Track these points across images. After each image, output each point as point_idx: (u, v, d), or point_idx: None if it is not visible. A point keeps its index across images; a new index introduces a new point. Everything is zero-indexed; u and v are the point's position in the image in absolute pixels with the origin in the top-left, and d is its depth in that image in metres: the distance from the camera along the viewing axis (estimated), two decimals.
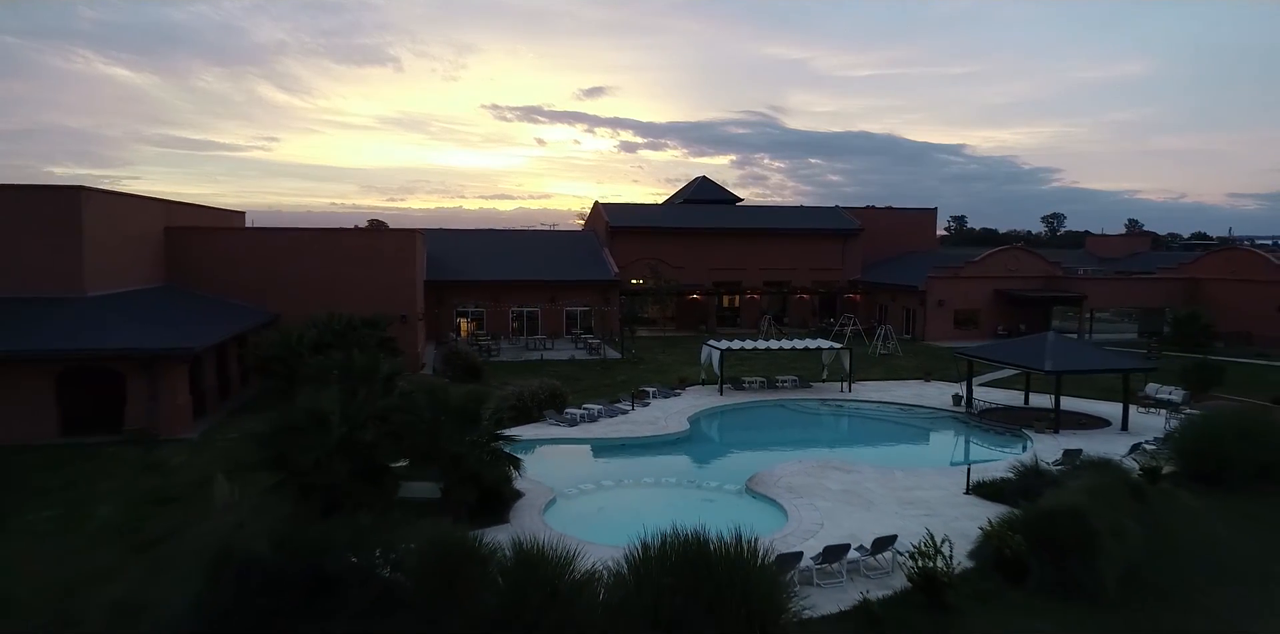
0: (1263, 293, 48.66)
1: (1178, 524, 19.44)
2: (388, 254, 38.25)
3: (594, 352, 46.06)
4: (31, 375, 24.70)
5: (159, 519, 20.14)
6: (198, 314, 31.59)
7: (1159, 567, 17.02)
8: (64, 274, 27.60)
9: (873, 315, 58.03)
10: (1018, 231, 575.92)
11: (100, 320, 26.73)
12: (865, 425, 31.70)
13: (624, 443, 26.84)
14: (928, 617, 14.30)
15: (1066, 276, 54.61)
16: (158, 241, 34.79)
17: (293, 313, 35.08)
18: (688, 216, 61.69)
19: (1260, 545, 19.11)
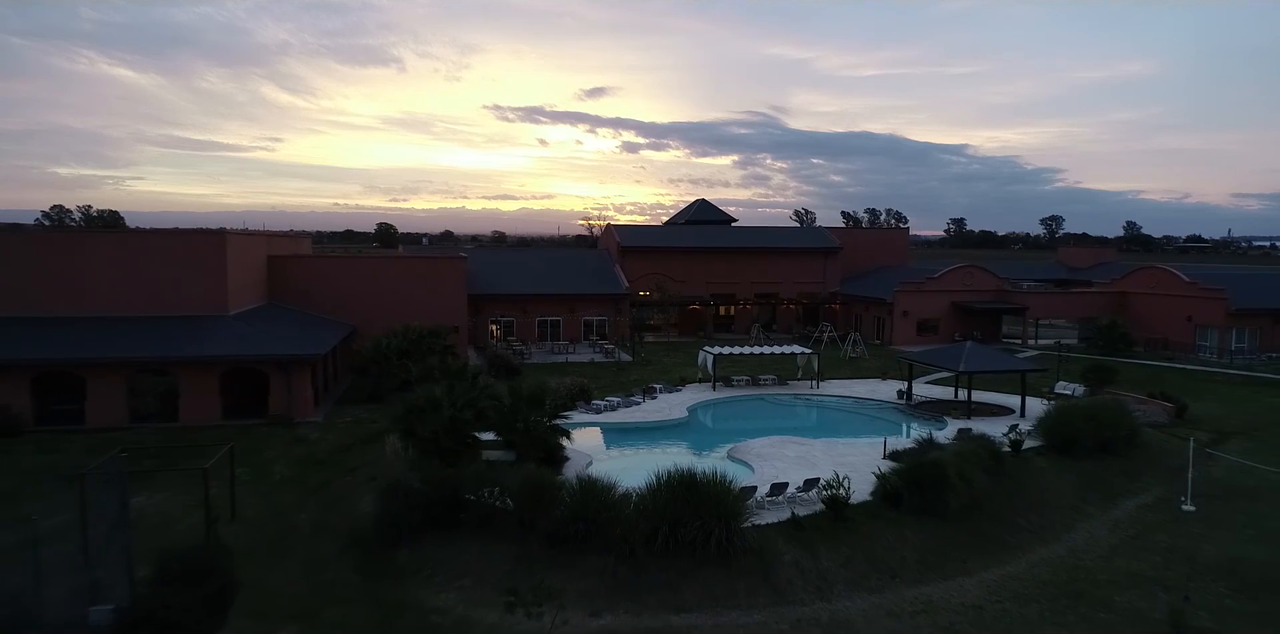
0: (1175, 306, 57.31)
1: (1024, 477, 28.10)
2: (442, 276, 47.04)
3: (609, 355, 54.78)
4: (203, 374, 33.50)
5: (317, 473, 28.98)
6: (301, 327, 40.33)
7: (997, 500, 25.68)
8: (214, 298, 36.40)
9: (849, 323, 66.67)
10: (1016, 233, 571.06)
11: (242, 332, 35.54)
12: (824, 413, 40.41)
13: (638, 426, 35.55)
14: (833, 524, 22.95)
15: (1013, 291, 63.27)
16: (263, 268, 43.54)
17: (366, 324, 43.86)
18: (689, 237, 70.47)
19: (1076, 491, 27.84)
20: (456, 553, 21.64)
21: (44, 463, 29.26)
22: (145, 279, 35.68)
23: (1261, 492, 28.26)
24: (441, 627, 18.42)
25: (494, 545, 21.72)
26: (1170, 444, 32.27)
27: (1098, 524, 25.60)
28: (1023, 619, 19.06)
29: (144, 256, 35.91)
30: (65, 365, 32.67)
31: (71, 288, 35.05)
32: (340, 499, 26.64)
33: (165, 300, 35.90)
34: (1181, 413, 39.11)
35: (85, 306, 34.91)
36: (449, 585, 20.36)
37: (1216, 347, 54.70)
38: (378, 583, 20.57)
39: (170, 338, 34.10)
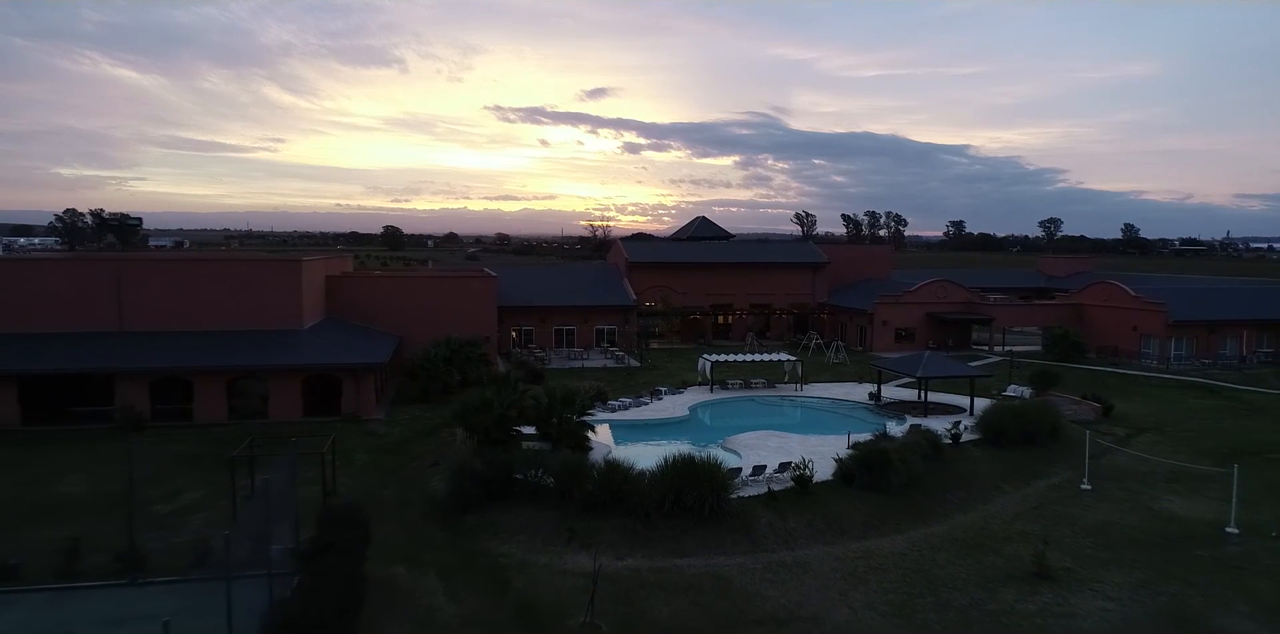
0: (1124, 317, 64.21)
1: (959, 462, 35.02)
2: (476, 293, 54.05)
3: (619, 360, 61.74)
4: (288, 379, 40.53)
5: (389, 460, 35.98)
6: (360, 338, 47.30)
7: (933, 480, 32.60)
8: (291, 314, 43.45)
9: (835, 332, 73.60)
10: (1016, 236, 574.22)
11: (316, 344, 42.59)
12: (805, 412, 47.35)
13: (647, 422, 42.52)
14: (799, 497, 29.88)
15: (981, 303, 70.17)
16: (322, 287, 50.54)
17: (410, 335, 50.77)
18: (690, 252, 77.46)
19: (1000, 474, 34.75)
20: (512, 517, 28.60)
21: (170, 452, 36.29)
22: (236, 299, 42.75)
23: (1147, 476, 35.16)
24: (509, 566, 25.37)
25: (540, 511, 28.66)
26: (1088, 438, 39.06)
27: (1010, 499, 32.54)
28: (932, 561, 26.00)
29: (235, 280, 42.97)
30: (177, 372, 39.72)
31: (178, 307, 42.13)
32: (412, 479, 33.64)
33: (253, 317, 42.95)
34: (1108, 412, 45.97)
35: (190, 322, 41.98)
36: (509, 540, 27.31)
37: (1158, 354, 61.58)
38: (455, 538, 27.54)
39: (260, 348, 41.16)
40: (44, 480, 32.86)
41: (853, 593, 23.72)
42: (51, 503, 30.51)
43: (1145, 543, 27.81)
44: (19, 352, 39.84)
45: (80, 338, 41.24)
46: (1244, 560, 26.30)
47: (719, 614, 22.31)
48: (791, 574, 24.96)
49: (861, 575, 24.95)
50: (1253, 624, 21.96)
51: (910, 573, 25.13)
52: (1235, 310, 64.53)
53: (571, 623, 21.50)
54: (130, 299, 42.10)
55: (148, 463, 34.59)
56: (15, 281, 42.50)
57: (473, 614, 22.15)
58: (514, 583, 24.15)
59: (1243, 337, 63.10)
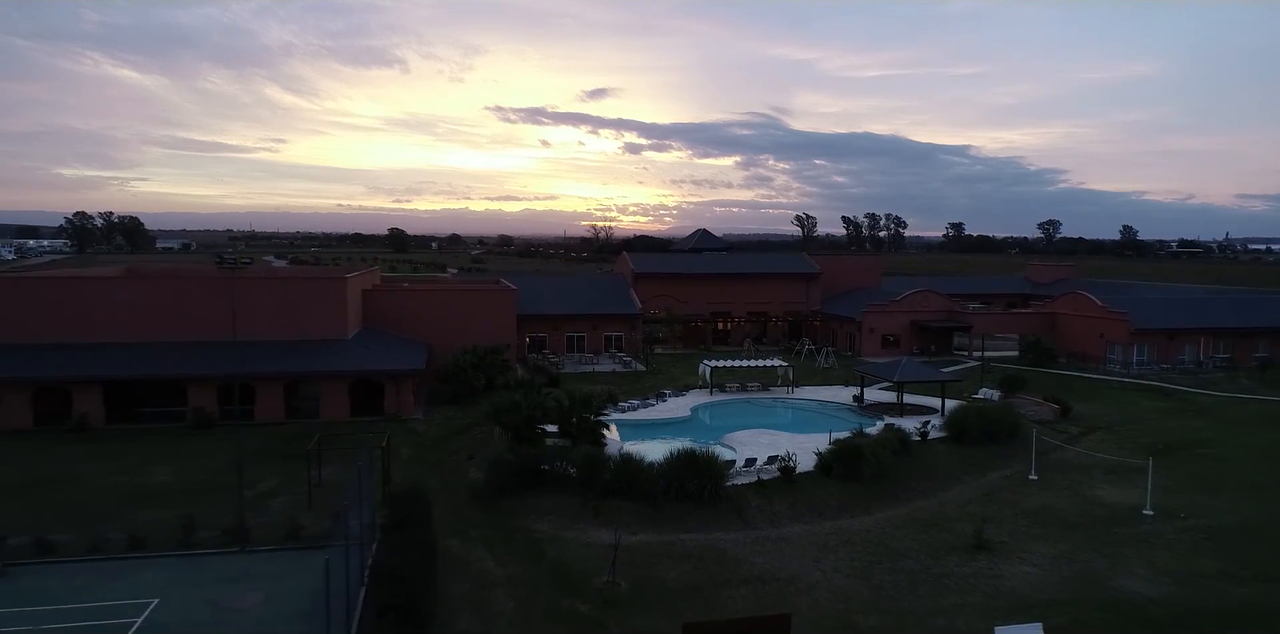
0: (1092, 325, 69.56)
1: (925, 456, 40.36)
2: (497, 305, 59.45)
3: (626, 365, 67.10)
4: (338, 383, 45.95)
5: (431, 454, 41.32)
6: (395, 346, 52.64)
7: (901, 471, 37.97)
8: (337, 326, 48.87)
9: (828, 338, 78.95)
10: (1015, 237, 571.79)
11: (360, 352, 47.99)
12: (795, 413, 52.70)
13: (654, 421, 47.91)
14: (784, 484, 35.26)
15: (961, 311, 75.53)
16: (359, 300, 55.91)
17: (438, 343, 56.04)
18: (691, 263, 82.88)
19: (960, 467, 40.10)
20: (542, 501, 33.97)
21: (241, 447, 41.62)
22: (289, 312, 48.17)
23: (1089, 468, 40.50)
24: (542, 539, 30.75)
25: (565, 496, 34.04)
26: (1034, 436, 44.37)
27: (966, 487, 37.92)
28: (892, 536, 31.38)
29: (287, 296, 48.39)
30: (241, 378, 45.15)
31: (240, 320, 47.46)
32: (452, 470, 39.03)
33: (303, 328, 48.38)
34: (1066, 413, 51.28)
35: (249, 333, 47.42)
36: (540, 519, 32.69)
37: (1121, 359, 66.91)
38: (495, 518, 32.91)
39: (311, 356, 46.62)
40: (136, 471, 38.24)
41: (824, 560, 29.12)
42: (148, 489, 35.89)
43: (1073, 523, 33.20)
44: (101, 359, 45.28)
45: (153, 347, 46.69)
46: (1151, 536, 31.69)
47: (715, 576, 27.70)
48: (775, 546, 30.36)
49: (832, 547, 30.36)
50: (1144, 583, 27.33)
51: (873, 545, 30.54)
52: (1193, 319, 69.92)
53: (596, 582, 26.87)
54: (196, 313, 47.56)
55: (231, 455, 40.08)
56: (94, 298, 47.98)
57: (517, 575, 27.55)
58: (547, 552, 29.55)
59: (1200, 343, 68.44)
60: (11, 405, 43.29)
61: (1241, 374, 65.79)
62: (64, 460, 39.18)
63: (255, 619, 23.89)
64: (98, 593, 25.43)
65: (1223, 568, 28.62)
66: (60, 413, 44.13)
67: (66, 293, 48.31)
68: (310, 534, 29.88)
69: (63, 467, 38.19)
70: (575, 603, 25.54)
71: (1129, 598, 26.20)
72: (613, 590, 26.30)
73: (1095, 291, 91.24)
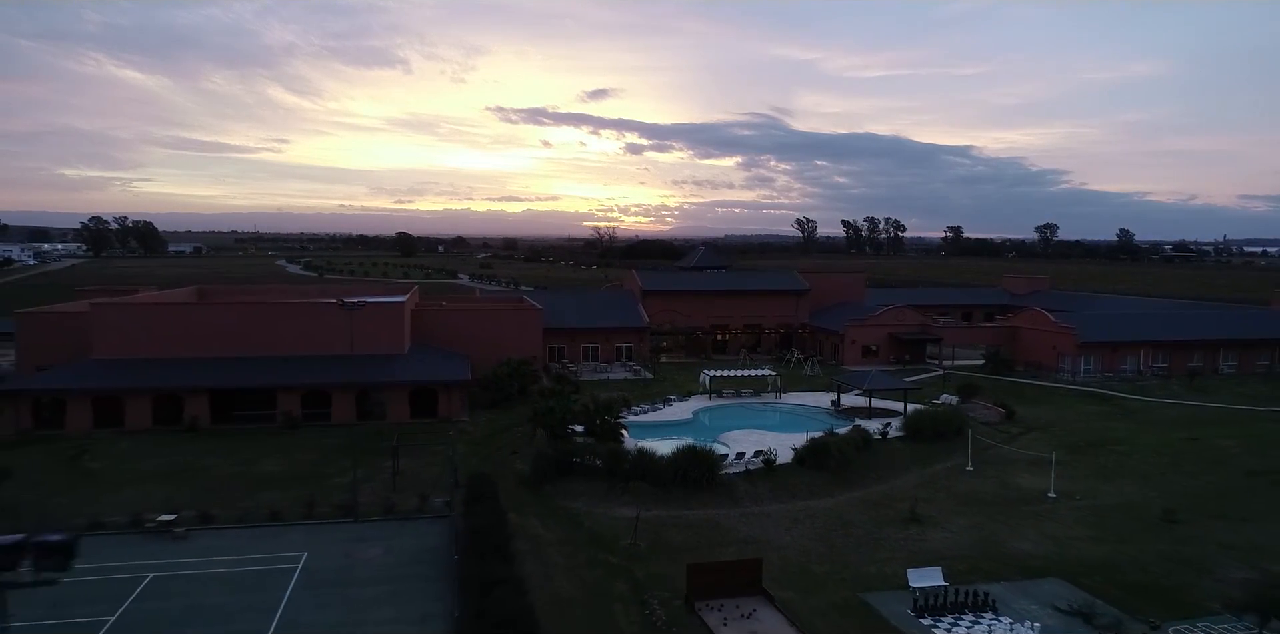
0: (1046, 338, 78.87)
1: (883, 452, 49.70)
2: (526, 322, 68.83)
3: (636, 373, 76.48)
4: (400, 391, 55.38)
5: (482, 449, 50.72)
6: (443, 359, 61.96)
7: (860, 463, 47.32)
8: (396, 343, 58.31)
9: (815, 348, 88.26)
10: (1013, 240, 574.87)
11: (416, 365, 57.42)
12: (781, 416, 62.03)
13: (661, 423, 57.27)
14: (766, 473, 44.66)
15: (932, 325, 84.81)
16: (410, 319, 65.27)
17: (475, 355, 65.32)
18: (693, 281, 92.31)
19: (910, 460, 49.45)
20: (575, 486, 43.31)
21: (325, 444, 51.06)
22: (358, 331, 57.60)
23: (1017, 462, 49.76)
24: (579, 513, 40.08)
25: (593, 482, 43.36)
26: (970, 435, 53.53)
27: (913, 476, 47.24)
28: (847, 512, 40.72)
29: (358, 317, 57.80)
30: (320, 387, 54.65)
31: (318, 337, 57.07)
32: (501, 462, 48.34)
33: (370, 344, 57.83)
34: (1010, 415, 60.50)
35: (328, 348, 56.92)
36: (575, 499, 42.04)
37: (1070, 368, 76.21)
38: (540, 498, 42.25)
39: (378, 369, 56.09)
40: (250, 462, 47.63)
41: (793, 528, 38.52)
42: (263, 476, 45.27)
43: (990, 502, 42.57)
44: (206, 372, 54.76)
45: (247, 361, 56.16)
46: (1048, 512, 41.04)
47: (711, 539, 37.07)
48: (757, 519, 39.77)
49: (801, 519, 39.75)
50: (1029, 544, 36.68)
51: (831, 518, 39.94)
52: (1135, 333, 79.22)
53: (623, 543, 36.24)
54: (281, 332, 57.06)
55: (318, 451, 49.40)
56: (198, 321, 57.49)
57: (562, 538, 36.94)
58: (583, 523, 38.95)
59: (1140, 354, 77.75)
60: (136, 410, 52.75)
61: (1174, 382, 75.08)
62: (189, 454, 48.63)
63: (380, 565, 33.31)
64: (259, 550, 34.91)
65: (1092, 534, 38.01)
66: (173, 416, 53.58)
67: (176, 317, 57.90)
68: (402, 509, 39.36)
69: (191, 459, 47.64)
70: (608, 556, 34.96)
71: (1015, 553, 35.62)
72: (635, 549, 35.71)
73: (1064, 304, 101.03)
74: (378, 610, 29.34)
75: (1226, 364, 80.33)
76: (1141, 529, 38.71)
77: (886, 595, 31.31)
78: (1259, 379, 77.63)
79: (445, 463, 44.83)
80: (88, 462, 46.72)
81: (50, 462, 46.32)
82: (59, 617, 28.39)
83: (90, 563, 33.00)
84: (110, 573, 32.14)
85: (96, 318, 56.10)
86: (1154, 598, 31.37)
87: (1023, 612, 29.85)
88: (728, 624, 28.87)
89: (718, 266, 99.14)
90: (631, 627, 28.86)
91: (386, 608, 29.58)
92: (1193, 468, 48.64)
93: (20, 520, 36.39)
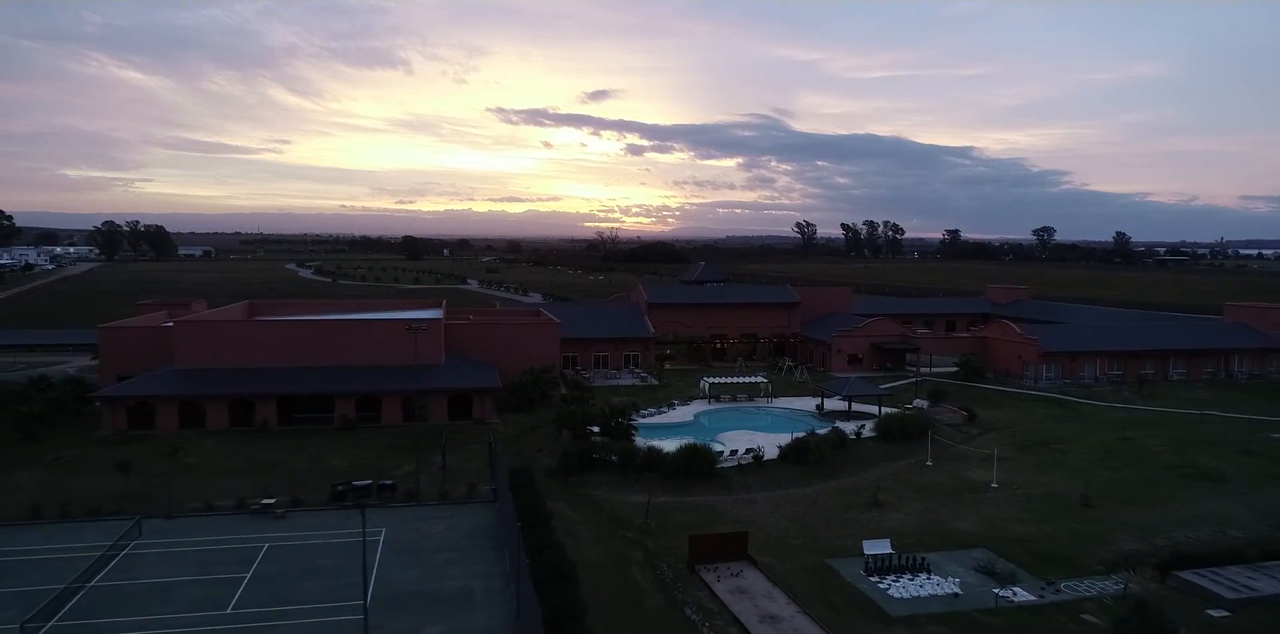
0: (1012, 348, 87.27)
1: (857, 449, 58.21)
2: (545, 334, 77.36)
3: (642, 379, 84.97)
4: (440, 396, 63.92)
5: (512, 446, 59.22)
6: (474, 368, 70.45)
7: (836, 459, 55.83)
8: (435, 354, 66.83)
9: (805, 356, 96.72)
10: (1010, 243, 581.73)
11: (452, 374, 66.01)
12: (771, 418, 70.51)
13: (666, 424, 65.77)
14: (756, 468, 53.18)
15: (911, 335, 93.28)
16: (444, 333, 73.80)
17: (500, 364, 73.86)
18: (695, 294, 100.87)
19: (879, 456, 57.97)
20: (594, 477, 51.81)
21: (379, 443, 59.54)
22: (402, 344, 66.15)
23: (971, 458, 58.21)
24: (599, 499, 48.59)
25: (610, 475, 51.87)
26: (930, 436, 61.78)
27: (880, 470, 55.70)
28: (822, 498, 49.24)
29: (401, 333, 66.30)
30: (372, 393, 63.20)
31: (370, 350, 65.60)
32: (530, 457, 56.81)
33: (413, 356, 66.37)
34: (972, 418, 68.98)
35: (377, 360, 65.42)
36: (596, 488, 50.53)
37: (1033, 376, 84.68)
38: (567, 487, 50.73)
39: (420, 377, 64.65)
40: (318, 457, 56.10)
41: (776, 511, 47.03)
42: (331, 468, 53.75)
43: (942, 491, 51.06)
44: (274, 379, 63.33)
45: (308, 370, 64.75)
46: (988, 500, 49.53)
47: (708, 519, 45.55)
48: (746, 504, 48.29)
49: (783, 505, 48.27)
50: (967, 524, 45.17)
51: (808, 503, 48.45)
52: (1092, 343, 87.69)
53: (637, 522, 44.74)
54: (338, 346, 65.66)
55: (372, 449, 57.89)
56: (266, 336, 66.07)
57: (588, 518, 45.43)
58: (604, 506, 47.45)
59: (1096, 363, 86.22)
60: (215, 413, 61.32)
61: (1126, 388, 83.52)
62: (264, 451, 57.14)
63: (445, 537, 41.81)
64: (343, 527, 43.38)
65: (1021, 517, 46.53)
66: (245, 417, 62.13)
67: (249, 333, 66.59)
68: (455, 495, 47.86)
69: (267, 455, 56.15)
70: (625, 532, 43.48)
71: (954, 531, 44.15)
72: (647, 527, 44.23)
73: (1041, 313, 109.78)
74: (449, 570, 37.84)
75: (1176, 371, 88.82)
76: (1061, 512, 47.22)
77: (845, 561, 39.82)
78: (1203, 385, 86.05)
79: (487, 457, 53.37)
80: (183, 457, 55.25)
81: (152, 457, 54.79)
82: (209, 573, 36.94)
83: (217, 535, 41.75)
84: (235, 543, 40.72)
85: (179, 333, 64.70)
86: (1058, 563, 39.86)
87: (949, 572, 38.37)
88: (720, 581, 37.39)
89: (717, 280, 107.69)
90: (646, 583, 37.38)
91: (455, 568, 38.07)
92: (1118, 463, 57.11)
93: (151, 504, 45.05)
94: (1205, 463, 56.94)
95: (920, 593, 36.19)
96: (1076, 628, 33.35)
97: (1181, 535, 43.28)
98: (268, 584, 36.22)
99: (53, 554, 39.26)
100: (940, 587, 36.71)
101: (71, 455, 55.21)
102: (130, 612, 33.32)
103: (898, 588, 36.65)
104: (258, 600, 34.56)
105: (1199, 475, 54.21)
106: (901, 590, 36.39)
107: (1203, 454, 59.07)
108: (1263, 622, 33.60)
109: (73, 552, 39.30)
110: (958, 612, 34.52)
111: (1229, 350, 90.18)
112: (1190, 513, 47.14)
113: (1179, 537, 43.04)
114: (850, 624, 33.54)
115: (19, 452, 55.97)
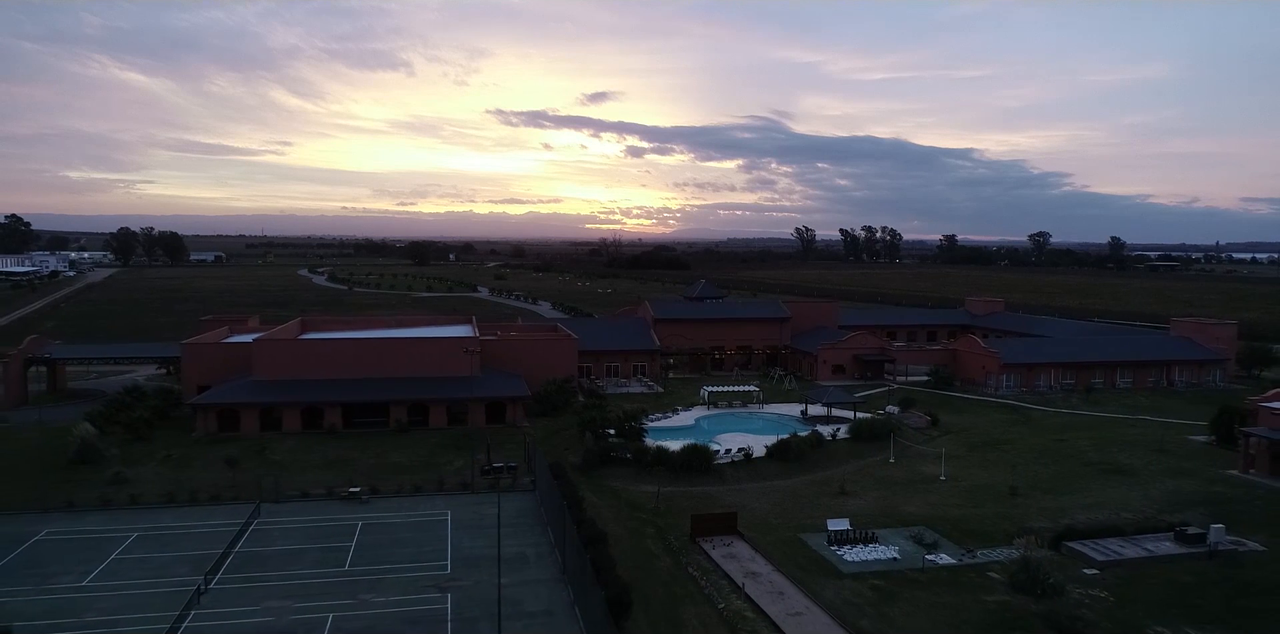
0: (977, 359, 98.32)
1: (832, 449, 69.33)
2: (564, 348, 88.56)
3: (649, 387, 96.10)
4: (478, 403, 75.11)
5: (542, 446, 70.49)
6: (505, 379, 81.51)
7: (815, 457, 66.95)
8: (471, 366, 78.03)
9: (795, 366, 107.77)
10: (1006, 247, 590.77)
11: (488, 383, 77.22)
12: (762, 422, 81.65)
13: (671, 427, 76.93)
14: (746, 464, 64.31)
15: (888, 347, 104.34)
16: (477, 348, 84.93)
17: (526, 375, 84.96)
18: (696, 310, 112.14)
19: (850, 454, 69.11)
20: (612, 471, 62.94)
21: (429, 444, 70.64)
22: (444, 358, 77.34)
23: (928, 456, 69.22)
24: (617, 489, 59.70)
25: (625, 469, 62.98)
26: (893, 438, 72.72)
27: (850, 466, 66.78)
28: (800, 488, 60.34)
29: (445, 349, 77.44)
30: (420, 401, 74.37)
31: (418, 363, 76.80)
32: (557, 456, 67.88)
33: (452, 368, 77.56)
34: (935, 422, 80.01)
35: (424, 371, 76.60)
36: (614, 480, 61.64)
37: (995, 385, 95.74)
38: (591, 479, 61.78)
39: (462, 387, 75.87)
40: (380, 455, 67.15)
41: (762, 498, 58.15)
42: (394, 465, 64.87)
43: (898, 483, 62.13)
44: (339, 389, 74.52)
45: (368, 381, 75.98)
46: (935, 489, 60.59)
47: (707, 504, 56.62)
48: (737, 493, 59.43)
49: (768, 494, 59.38)
50: (915, 508, 56.24)
51: (790, 493, 59.58)
52: (1048, 355, 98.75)
53: (649, 507, 55.86)
54: (390, 358, 76.90)
55: (424, 448, 68.93)
56: (331, 352, 77.33)
57: (609, 504, 56.54)
58: (621, 495, 58.58)
59: (1051, 373, 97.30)
60: (290, 417, 72.56)
61: (1075, 396, 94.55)
62: (335, 450, 68.27)
63: (497, 516, 52.94)
64: (415, 511, 54.53)
65: (959, 503, 57.61)
66: (314, 422, 73.33)
67: (317, 349, 77.92)
68: (500, 486, 58.98)
69: (339, 454, 67.26)
70: (639, 514, 54.64)
71: (902, 513, 55.26)
72: (657, 510, 55.36)
73: (1014, 325, 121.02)
74: (506, 541, 48.85)
75: (1123, 381, 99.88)
76: (992, 499, 58.30)
77: (813, 535, 50.90)
78: (1146, 394, 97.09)
79: (524, 455, 64.55)
80: (269, 454, 66.44)
81: (244, 454, 65.90)
82: (322, 543, 48.13)
83: (321, 516, 52.97)
84: (334, 521, 51.93)
85: (259, 350, 75.99)
86: (980, 537, 50.90)
87: (892, 542, 49.48)
88: (715, 549, 48.53)
89: (715, 296, 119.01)
90: (658, 550, 48.52)
91: (510, 540, 49.13)
92: (1049, 460, 68.17)
93: (259, 491, 56.20)
94: (1122, 460, 67.98)
95: (867, 557, 47.29)
96: (983, 581, 44.42)
97: (1083, 516, 54.34)
98: (369, 551, 47.38)
99: (195, 530, 50.46)
100: (883, 553, 47.79)
101: (178, 453, 66.42)
102: (273, 569, 44.49)
103: (851, 554, 47.75)
104: (365, 561, 45.73)
105: (1113, 470, 65.25)
106: (854, 556, 47.50)
107: (1122, 453, 70.11)
108: (1120, 577, 44.66)
109: (210, 528, 50.51)
110: (894, 571, 45.57)
111: (1171, 362, 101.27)
112: (1096, 500, 58.19)
113: (1080, 517, 54.09)
114: (813, 580, 44.61)
115: (133, 450, 67.17)
